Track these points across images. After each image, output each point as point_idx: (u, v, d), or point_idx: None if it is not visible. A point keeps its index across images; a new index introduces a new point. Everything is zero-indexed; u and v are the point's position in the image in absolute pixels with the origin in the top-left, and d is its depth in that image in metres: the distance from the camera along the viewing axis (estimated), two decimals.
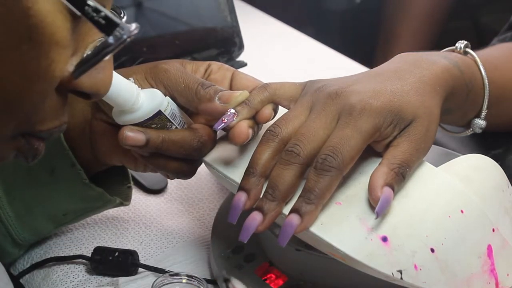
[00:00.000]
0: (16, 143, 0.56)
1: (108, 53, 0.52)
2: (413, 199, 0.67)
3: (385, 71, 0.73)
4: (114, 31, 0.51)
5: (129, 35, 0.51)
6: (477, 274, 0.67)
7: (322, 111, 0.68)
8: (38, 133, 0.56)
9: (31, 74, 0.51)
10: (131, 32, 0.51)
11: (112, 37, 0.51)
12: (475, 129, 0.81)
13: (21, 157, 0.58)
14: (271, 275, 0.75)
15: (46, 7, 0.50)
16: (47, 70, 0.51)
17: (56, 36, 0.51)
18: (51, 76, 0.52)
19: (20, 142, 0.56)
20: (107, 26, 0.51)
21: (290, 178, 0.66)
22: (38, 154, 0.58)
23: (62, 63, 0.52)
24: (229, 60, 1.06)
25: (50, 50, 0.51)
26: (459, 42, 0.81)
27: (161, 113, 0.71)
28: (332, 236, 0.65)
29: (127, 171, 0.82)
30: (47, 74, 0.52)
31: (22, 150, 0.57)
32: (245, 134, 0.70)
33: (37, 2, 0.49)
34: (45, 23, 0.50)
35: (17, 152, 0.57)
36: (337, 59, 1.33)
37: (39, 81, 0.52)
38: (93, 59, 0.52)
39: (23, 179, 0.79)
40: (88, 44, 0.54)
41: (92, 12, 0.50)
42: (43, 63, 0.51)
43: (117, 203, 0.81)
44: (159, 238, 0.86)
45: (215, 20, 1.04)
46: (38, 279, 0.81)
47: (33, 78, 0.51)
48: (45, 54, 0.51)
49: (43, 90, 0.53)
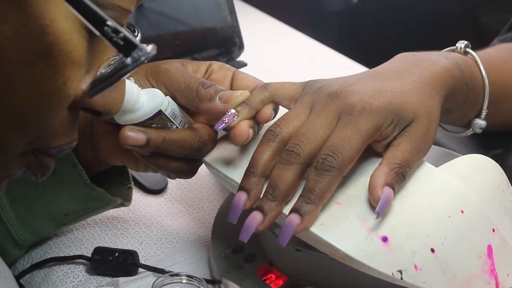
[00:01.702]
0: (26, 160, 0.56)
1: (124, 74, 0.51)
2: (413, 199, 0.67)
3: (385, 71, 0.73)
4: (133, 52, 0.50)
5: (147, 57, 0.50)
6: (477, 274, 0.67)
7: (322, 111, 0.68)
8: (49, 149, 0.56)
9: (46, 91, 0.51)
10: (149, 54, 0.50)
11: (130, 58, 0.50)
12: (475, 129, 0.81)
13: (30, 174, 0.57)
14: (271, 275, 0.75)
15: (64, 25, 0.50)
16: (62, 87, 0.51)
17: (73, 55, 0.51)
18: (66, 94, 0.52)
19: (30, 158, 0.56)
20: (126, 47, 0.50)
21: (290, 178, 0.66)
22: (47, 171, 0.58)
23: (77, 81, 0.52)
24: (229, 60, 1.06)
25: (66, 68, 0.51)
26: (459, 42, 0.81)
27: (162, 113, 0.71)
28: (332, 236, 0.65)
29: (127, 171, 0.82)
30: (62, 91, 0.51)
31: (32, 166, 0.57)
32: (246, 134, 0.70)
33: (55, 20, 0.49)
34: (63, 41, 0.50)
35: (26, 169, 0.57)
36: (337, 59, 1.33)
37: (53, 99, 0.51)
38: (109, 79, 0.52)
39: (24, 180, 0.79)
40: (102, 62, 0.54)
41: (111, 32, 0.50)
42: (58, 80, 0.51)
43: (118, 204, 0.81)
44: (159, 238, 0.86)
45: (215, 20, 1.05)
46: (38, 279, 0.81)
47: (48, 95, 0.51)
48: (61, 72, 0.50)
49: (57, 107, 0.53)
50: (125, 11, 0.54)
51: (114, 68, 0.52)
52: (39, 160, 0.56)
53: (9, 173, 0.56)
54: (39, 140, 0.54)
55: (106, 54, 0.54)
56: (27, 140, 0.53)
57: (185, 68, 0.75)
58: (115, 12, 0.53)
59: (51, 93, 0.51)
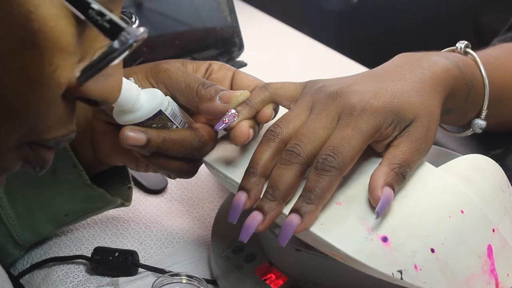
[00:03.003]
0: (22, 153, 0.54)
1: (113, 59, 0.50)
2: (413, 199, 0.67)
3: (386, 71, 0.73)
4: (119, 35, 0.49)
5: (135, 39, 0.49)
6: (477, 274, 0.67)
7: (323, 111, 0.68)
8: (45, 142, 0.54)
9: (35, 81, 0.49)
10: (137, 36, 0.49)
11: (117, 41, 0.49)
12: (475, 129, 0.81)
13: (28, 168, 0.56)
14: (271, 275, 0.75)
15: (49, 11, 0.48)
16: (51, 76, 0.49)
17: (60, 41, 0.49)
18: (56, 83, 0.50)
19: (26, 151, 0.54)
20: (112, 30, 0.49)
21: (290, 178, 0.66)
22: (46, 164, 0.56)
23: (68, 70, 0.50)
24: (229, 60, 1.06)
25: (54, 55, 0.49)
26: (459, 42, 0.81)
27: (162, 113, 0.71)
28: (332, 236, 0.65)
29: (127, 171, 0.82)
30: (51, 80, 0.50)
31: (29, 160, 0.55)
32: (246, 134, 0.70)
33: (39, 6, 0.48)
34: (48, 27, 0.48)
35: (24, 162, 0.55)
36: (337, 59, 1.33)
37: (43, 88, 0.50)
38: (98, 64, 0.51)
39: (24, 180, 0.79)
40: (97, 50, 0.53)
41: (96, 15, 0.48)
42: (47, 69, 0.49)
43: (118, 204, 0.81)
44: (159, 238, 0.86)
45: (215, 20, 1.05)
46: (38, 279, 0.81)
47: (37, 84, 0.49)
48: (49, 60, 0.49)
49: (48, 97, 0.51)
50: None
51: (102, 53, 0.50)
52: (36, 153, 0.55)
53: (6, 167, 0.55)
54: (33, 131, 0.53)
55: (99, 41, 0.53)
56: (19, 131, 0.52)
57: (185, 68, 0.75)
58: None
59: (40, 82, 0.49)
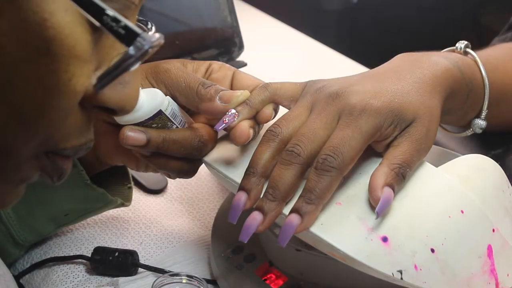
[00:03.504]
0: (40, 163, 0.53)
1: (129, 66, 0.49)
2: (413, 199, 0.67)
3: (386, 71, 0.73)
4: (135, 41, 0.48)
5: (151, 45, 0.48)
6: (477, 274, 0.67)
7: (323, 111, 0.68)
8: (62, 151, 0.54)
9: (51, 89, 0.48)
10: (153, 42, 0.48)
11: (133, 48, 0.48)
12: (475, 129, 0.81)
13: (46, 177, 0.55)
14: (271, 275, 0.75)
15: (64, 19, 0.47)
16: (67, 84, 0.49)
17: (76, 49, 0.48)
18: (72, 91, 0.49)
19: (43, 161, 0.53)
20: (128, 37, 0.48)
21: (290, 178, 0.66)
22: (64, 174, 0.55)
23: (84, 77, 0.50)
24: (229, 60, 1.06)
25: (69, 63, 0.48)
26: (459, 42, 0.81)
27: (162, 113, 0.71)
28: (332, 236, 0.65)
29: (127, 171, 0.82)
30: (67, 89, 0.49)
31: (46, 169, 0.54)
32: (246, 134, 0.70)
33: (54, 13, 0.47)
34: (63, 35, 0.47)
35: (41, 172, 0.54)
36: (337, 59, 1.33)
37: (59, 97, 0.49)
38: (114, 71, 0.50)
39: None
40: (113, 57, 0.52)
41: (111, 22, 0.48)
42: (63, 77, 0.48)
43: (118, 204, 0.81)
44: (159, 238, 0.86)
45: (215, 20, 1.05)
46: (38, 279, 0.81)
47: (53, 93, 0.49)
48: (64, 68, 0.48)
49: (65, 105, 0.50)
50: (128, 2, 0.51)
51: (118, 60, 0.49)
52: (54, 162, 0.54)
53: (24, 177, 0.54)
54: (51, 141, 0.52)
55: (115, 48, 0.52)
56: (36, 141, 0.51)
57: (185, 68, 0.75)
58: (117, 4, 0.50)
59: (56, 90, 0.48)
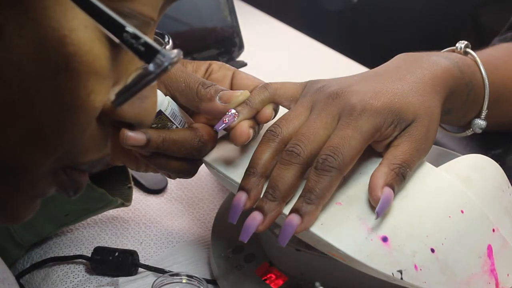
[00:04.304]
0: (57, 178, 0.53)
1: (149, 82, 0.49)
2: (413, 199, 0.67)
3: (386, 71, 0.73)
4: (155, 58, 0.48)
5: (170, 62, 0.48)
6: (477, 274, 0.67)
7: (323, 111, 0.68)
8: (80, 166, 0.53)
9: (69, 105, 0.48)
10: (172, 59, 0.48)
11: (153, 64, 0.48)
12: (475, 129, 0.81)
13: (62, 192, 0.55)
14: (271, 275, 0.75)
15: (84, 35, 0.47)
16: (86, 100, 0.49)
17: (95, 65, 0.48)
18: (90, 107, 0.49)
19: (60, 176, 0.53)
20: (147, 53, 0.48)
21: (290, 178, 0.66)
22: (80, 188, 0.55)
23: (102, 93, 0.50)
24: (229, 60, 1.06)
25: (88, 79, 0.48)
26: (459, 42, 0.81)
27: (162, 113, 0.71)
28: (332, 236, 0.65)
29: (127, 171, 0.82)
30: (86, 104, 0.49)
31: (63, 184, 0.54)
32: (246, 134, 0.70)
33: (74, 30, 0.47)
34: (83, 51, 0.47)
35: (58, 187, 0.54)
36: (337, 59, 1.33)
37: (78, 113, 0.49)
38: (133, 88, 0.49)
39: None
40: (131, 73, 0.52)
41: (131, 39, 0.47)
42: (81, 93, 0.48)
43: (118, 204, 0.81)
44: (159, 238, 0.86)
45: (215, 20, 1.05)
46: (38, 279, 0.81)
47: (72, 109, 0.48)
48: (83, 84, 0.48)
49: (83, 121, 0.50)
50: (147, 18, 0.51)
51: (137, 76, 0.49)
52: (70, 177, 0.54)
53: (40, 192, 0.53)
54: (68, 156, 0.52)
55: (134, 64, 0.52)
56: (53, 157, 0.51)
57: (185, 68, 0.75)
58: (136, 20, 0.50)
59: (75, 106, 0.48)
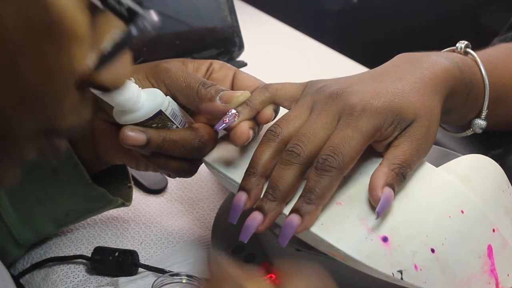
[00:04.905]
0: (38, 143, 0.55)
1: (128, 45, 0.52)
2: (413, 199, 0.67)
3: (386, 71, 0.73)
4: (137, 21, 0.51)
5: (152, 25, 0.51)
6: (477, 274, 0.67)
7: (323, 111, 0.68)
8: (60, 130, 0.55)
9: (52, 70, 0.50)
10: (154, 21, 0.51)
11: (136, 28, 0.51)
12: (475, 129, 0.81)
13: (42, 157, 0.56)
14: (271, 275, 0.75)
15: (66, 3, 0.49)
16: (68, 65, 0.51)
17: (77, 31, 0.50)
18: (72, 71, 0.51)
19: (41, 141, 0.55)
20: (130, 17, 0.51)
21: (290, 178, 0.66)
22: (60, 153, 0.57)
23: (83, 58, 0.52)
24: (229, 60, 1.06)
25: (71, 45, 0.50)
26: (459, 42, 0.81)
27: (162, 113, 0.71)
28: (333, 236, 0.65)
29: (127, 170, 0.82)
30: (68, 69, 0.51)
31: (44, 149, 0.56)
32: (246, 135, 0.70)
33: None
34: (65, 18, 0.49)
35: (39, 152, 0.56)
36: (337, 59, 1.33)
37: (60, 76, 0.51)
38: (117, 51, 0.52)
39: (25, 179, 0.79)
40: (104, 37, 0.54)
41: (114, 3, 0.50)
42: (63, 58, 0.50)
43: (118, 204, 0.81)
44: (159, 238, 0.86)
45: (215, 20, 1.04)
46: (38, 279, 0.81)
47: (54, 73, 0.51)
48: (65, 49, 0.50)
49: (64, 85, 0.52)
50: None
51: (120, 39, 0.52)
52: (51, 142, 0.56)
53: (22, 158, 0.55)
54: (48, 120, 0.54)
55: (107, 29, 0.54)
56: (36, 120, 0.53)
57: (185, 68, 0.75)
58: None
59: (57, 70, 0.51)
